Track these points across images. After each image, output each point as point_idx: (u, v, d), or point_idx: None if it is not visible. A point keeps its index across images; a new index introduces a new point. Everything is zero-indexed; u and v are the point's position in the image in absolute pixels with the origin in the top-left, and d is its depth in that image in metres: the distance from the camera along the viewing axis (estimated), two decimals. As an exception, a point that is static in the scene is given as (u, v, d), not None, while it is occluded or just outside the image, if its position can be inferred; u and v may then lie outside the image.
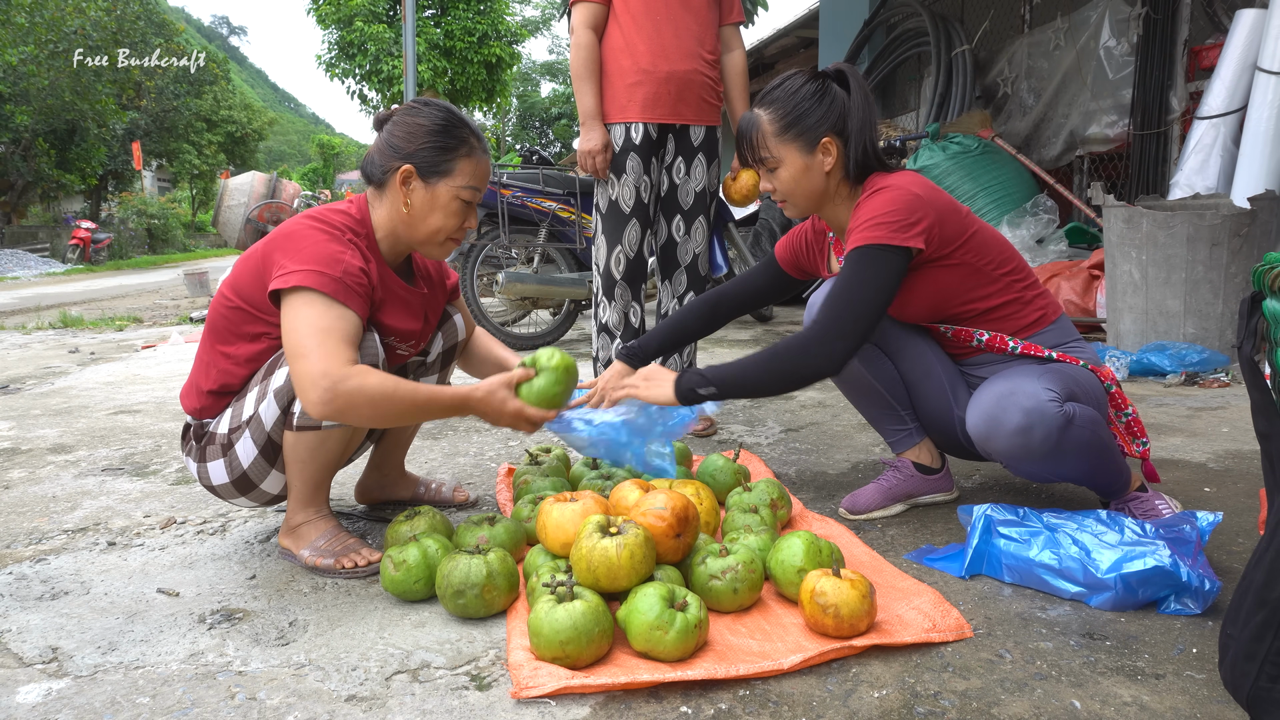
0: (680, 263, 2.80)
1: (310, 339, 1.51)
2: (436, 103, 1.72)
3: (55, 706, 1.25)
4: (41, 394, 3.85)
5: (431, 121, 1.68)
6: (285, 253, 1.61)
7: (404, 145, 1.68)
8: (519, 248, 5.02)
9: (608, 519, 1.47)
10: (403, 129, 1.69)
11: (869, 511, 1.97)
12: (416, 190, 1.69)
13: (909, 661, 1.32)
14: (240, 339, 1.70)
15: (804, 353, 1.68)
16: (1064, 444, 1.61)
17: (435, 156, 1.68)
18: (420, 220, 1.71)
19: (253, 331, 1.69)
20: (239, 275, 1.69)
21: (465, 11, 18.79)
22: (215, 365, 1.72)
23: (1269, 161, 3.98)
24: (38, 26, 19.00)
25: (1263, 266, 1.09)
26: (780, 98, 1.79)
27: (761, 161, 1.81)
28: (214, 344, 1.73)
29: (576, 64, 2.65)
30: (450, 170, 1.69)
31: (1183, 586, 1.43)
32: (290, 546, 1.75)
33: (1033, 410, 1.59)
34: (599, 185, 2.72)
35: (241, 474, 1.71)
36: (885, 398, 1.93)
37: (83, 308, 9.07)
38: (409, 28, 7.78)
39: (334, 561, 1.69)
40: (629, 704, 1.23)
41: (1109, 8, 5.50)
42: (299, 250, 1.60)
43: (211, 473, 1.74)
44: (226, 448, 1.71)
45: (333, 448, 1.70)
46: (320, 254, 1.59)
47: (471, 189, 1.72)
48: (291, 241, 1.62)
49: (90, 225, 21.05)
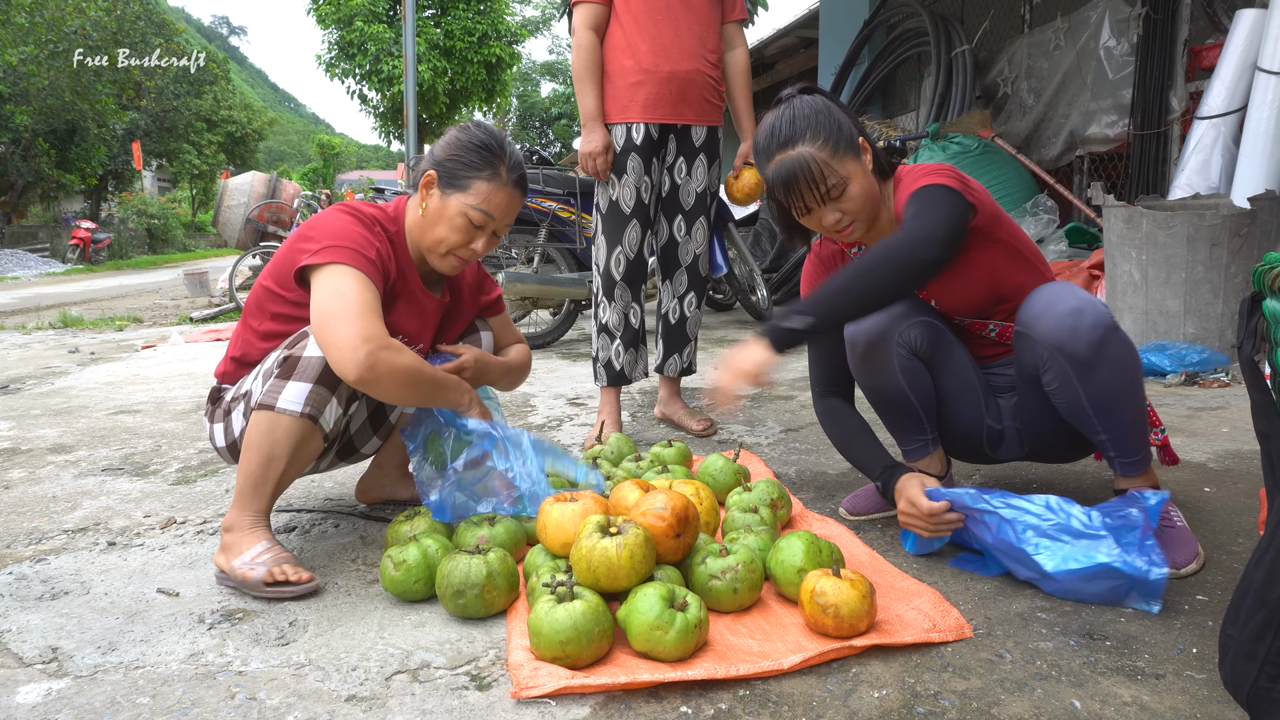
0: (681, 263, 2.80)
1: (350, 308, 1.57)
2: (487, 127, 1.80)
3: (55, 706, 1.25)
4: (41, 394, 3.85)
5: (469, 138, 1.77)
6: (316, 233, 1.69)
7: (440, 153, 1.78)
8: (519, 248, 5.03)
9: (608, 519, 1.47)
10: (447, 140, 1.80)
11: (867, 514, 1.97)
12: (433, 197, 1.77)
13: (909, 661, 1.32)
14: (264, 316, 1.79)
15: (910, 248, 1.54)
16: (1108, 344, 1.56)
17: (457, 169, 1.75)
18: (429, 226, 1.77)
19: (273, 310, 1.77)
20: (275, 260, 1.78)
21: (465, 11, 18.80)
22: (241, 336, 1.83)
23: (1269, 161, 3.97)
24: (38, 26, 19.00)
25: (1263, 266, 1.09)
26: (804, 127, 1.68)
27: (830, 191, 1.67)
28: (246, 319, 1.84)
29: (578, 65, 2.65)
30: (466, 186, 1.74)
31: (1133, 582, 1.44)
32: (222, 564, 1.66)
33: (1087, 301, 1.58)
34: (599, 185, 2.71)
35: (232, 442, 1.79)
36: (917, 411, 1.87)
37: (83, 308, 9.07)
38: (409, 28, 7.79)
39: (264, 574, 1.60)
40: (629, 704, 1.23)
41: (1109, 8, 5.50)
42: (330, 231, 1.68)
43: (215, 434, 1.83)
44: (226, 413, 1.80)
45: (279, 439, 1.63)
46: (351, 234, 1.68)
47: (482, 212, 1.74)
48: (322, 223, 1.71)
49: (90, 225, 21.05)
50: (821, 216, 1.71)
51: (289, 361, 1.65)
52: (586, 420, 3.06)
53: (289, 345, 1.68)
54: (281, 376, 1.64)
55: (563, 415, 3.17)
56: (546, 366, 4.29)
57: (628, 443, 2.28)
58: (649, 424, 3.01)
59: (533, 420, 3.10)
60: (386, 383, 1.58)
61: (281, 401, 1.62)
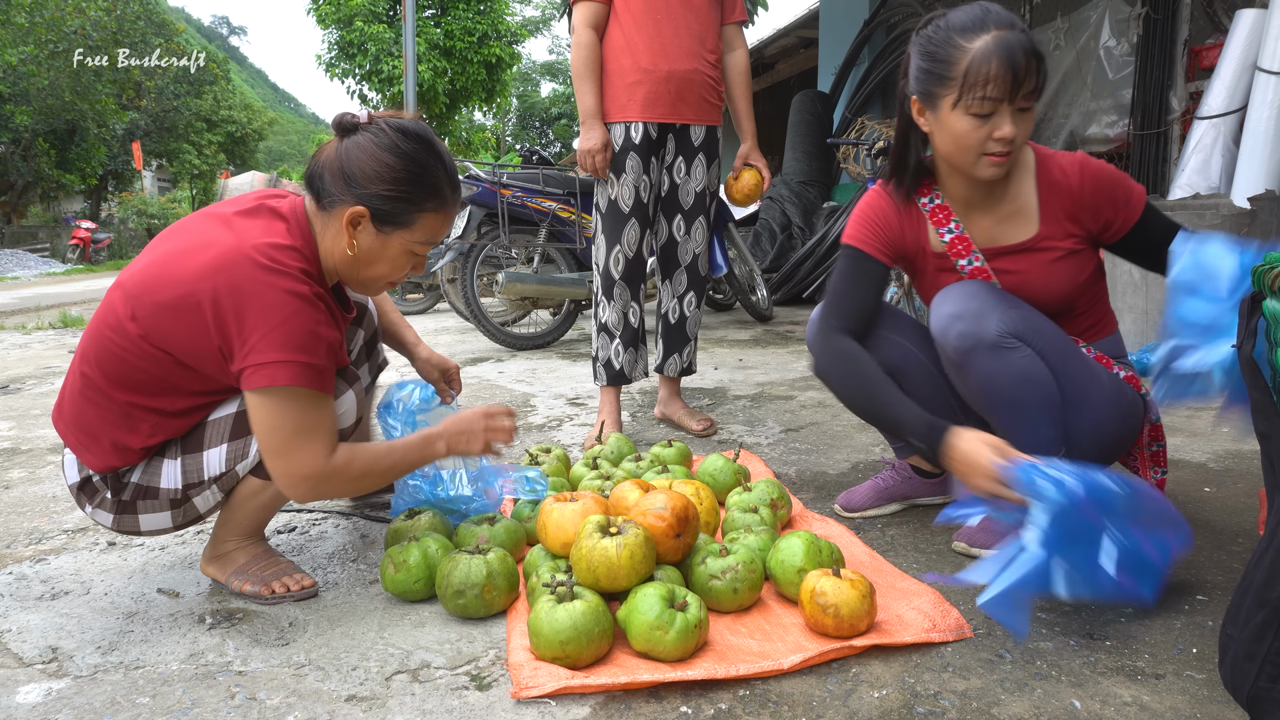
0: (680, 263, 2.80)
1: (292, 441, 1.40)
2: (416, 133, 1.47)
3: (55, 706, 1.25)
4: (41, 394, 3.85)
5: (404, 166, 1.44)
6: (255, 327, 1.36)
7: (363, 183, 1.43)
8: (519, 248, 5.02)
9: (608, 519, 1.47)
10: (369, 162, 1.43)
11: (863, 510, 1.97)
12: (365, 234, 1.47)
13: (909, 661, 1.32)
14: (173, 393, 1.46)
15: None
16: (972, 359, 1.56)
17: (396, 207, 1.45)
18: (363, 266, 1.51)
19: (197, 389, 1.48)
20: (159, 321, 1.39)
21: (465, 11, 18.81)
22: (144, 420, 1.47)
23: (1269, 161, 3.97)
24: (38, 26, 19.00)
25: (1263, 266, 1.09)
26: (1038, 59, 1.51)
27: (1033, 92, 1.51)
28: (128, 393, 1.45)
29: (577, 63, 2.65)
30: (410, 223, 1.48)
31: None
32: (215, 574, 1.65)
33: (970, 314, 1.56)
34: (599, 185, 2.72)
35: (196, 517, 1.60)
36: (950, 403, 1.83)
37: (83, 308, 9.06)
38: (409, 28, 7.79)
39: (261, 587, 1.59)
40: (629, 704, 1.23)
41: (1109, 8, 5.50)
42: (273, 328, 1.36)
43: (144, 522, 1.56)
44: (178, 501, 1.54)
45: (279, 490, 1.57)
46: (298, 333, 1.37)
47: (427, 244, 1.52)
48: (257, 309, 1.36)
49: (90, 225, 21.05)
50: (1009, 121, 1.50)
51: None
52: (586, 420, 3.06)
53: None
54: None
55: (563, 415, 3.17)
56: (547, 366, 4.29)
57: (628, 443, 2.28)
58: (649, 424, 3.01)
59: (533, 420, 3.10)
60: (334, 494, 1.49)
61: None
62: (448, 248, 4.77)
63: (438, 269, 4.92)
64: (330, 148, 1.48)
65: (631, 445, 2.28)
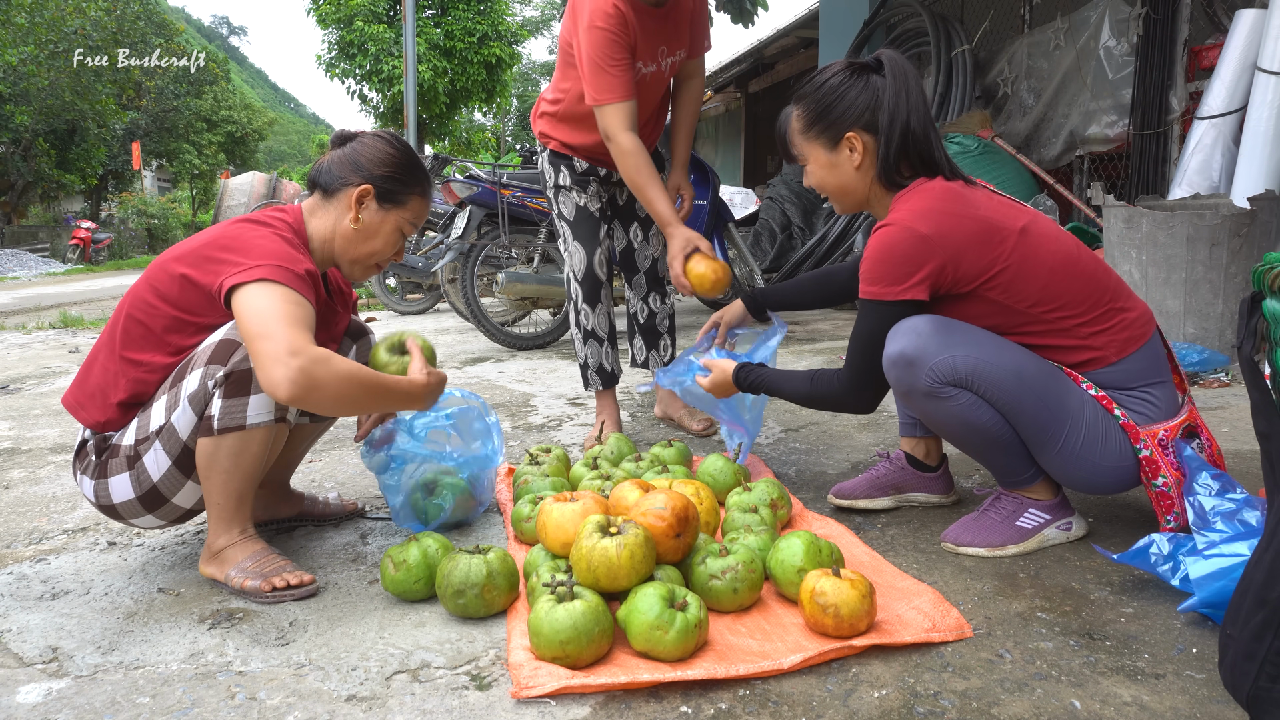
0: (640, 268, 2.85)
1: (276, 323, 1.48)
2: (401, 139, 1.84)
3: (55, 706, 1.25)
4: (41, 394, 3.85)
5: (400, 153, 1.79)
6: (238, 253, 1.59)
7: (369, 166, 1.76)
8: (519, 248, 5.02)
9: (608, 519, 1.47)
10: (372, 151, 1.77)
11: (853, 498, 1.99)
12: (369, 210, 1.76)
13: (909, 661, 1.32)
14: (158, 348, 1.65)
15: (838, 399, 1.78)
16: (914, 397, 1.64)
17: (395, 185, 1.77)
18: (363, 240, 1.78)
19: (175, 342, 1.65)
20: (163, 280, 1.64)
21: (465, 12, 18.79)
22: (125, 375, 1.65)
23: (1269, 161, 3.97)
24: (38, 26, 19.01)
25: (1263, 266, 1.09)
26: (809, 92, 1.73)
27: (795, 157, 1.81)
28: (122, 351, 1.66)
29: (629, 171, 2.39)
30: (404, 202, 1.79)
31: None
32: (215, 574, 1.66)
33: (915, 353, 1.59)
34: (560, 198, 2.70)
35: (151, 488, 1.64)
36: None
37: (83, 308, 9.06)
38: (409, 28, 7.79)
39: (262, 583, 1.60)
40: (629, 704, 1.23)
41: (1109, 8, 5.50)
42: (255, 249, 1.60)
43: (113, 489, 1.65)
44: (133, 460, 1.63)
45: (256, 451, 1.62)
46: (278, 252, 1.61)
47: (413, 225, 1.83)
48: (242, 243, 1.62)
49: (90, 225, 21.07)
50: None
51: (236, 378, 1.57)
52: (586, 420, 3.06)
53: (218, 361, 1.57)
54: (235, 395, 1.57)
55: (563, 415, 3.17)
56: (547, 366, 4.29)
57: (627, 443, 2.28)
58: (649, 424, 3.01)
59: (533, 420, 3.10)
60: (317, 394, 1.47)
61: (251, 417, 1.58)
62: (448, 248, 4.77)
63: (438, 269, 4.92)
64: (332, 152, 1.81)
65: (631, 445, 2.28)
